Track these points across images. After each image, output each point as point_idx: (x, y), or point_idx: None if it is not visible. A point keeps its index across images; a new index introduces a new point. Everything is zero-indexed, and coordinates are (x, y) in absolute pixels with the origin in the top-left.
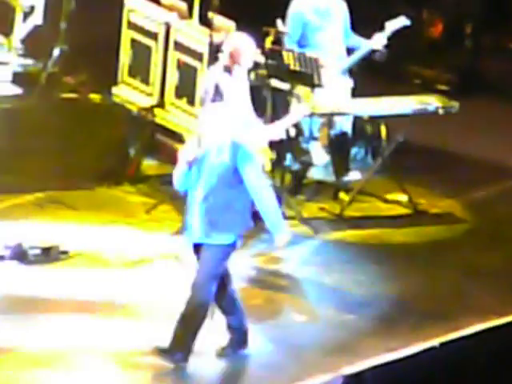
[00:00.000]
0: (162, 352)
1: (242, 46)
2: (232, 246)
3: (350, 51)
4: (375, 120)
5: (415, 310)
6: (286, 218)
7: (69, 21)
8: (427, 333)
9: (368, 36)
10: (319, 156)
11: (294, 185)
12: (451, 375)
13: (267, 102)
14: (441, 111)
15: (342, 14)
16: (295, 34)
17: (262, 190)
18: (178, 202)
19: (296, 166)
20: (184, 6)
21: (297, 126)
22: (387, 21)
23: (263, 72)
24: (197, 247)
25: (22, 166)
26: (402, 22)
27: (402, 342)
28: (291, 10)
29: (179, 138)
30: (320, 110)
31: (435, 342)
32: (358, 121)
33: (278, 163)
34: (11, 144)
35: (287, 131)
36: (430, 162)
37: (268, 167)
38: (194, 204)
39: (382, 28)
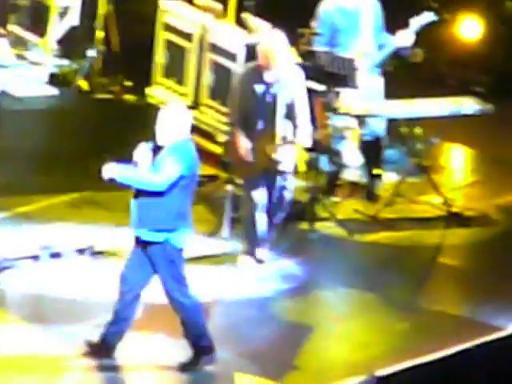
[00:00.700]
0: (188, 366)
1: (275, 44)
2: (170, 246)
3: (381, 49)
4: (411, 121)
5: (450, 312)
6: (320, 219)
7: (104, 22)
8: (461, 335)
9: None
10: (352, 158)
11: (328, 186)
12: (486, 378)
13: None
14: (476, 113)
15: (373, 13)
16: (324, 34)
17: (151, 177)
18: (212, 203)
19: (330, 168)
20: (219, 7)
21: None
22: (412, 17)
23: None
24: (138, 243)
25: (57, 166)
26: (427, 17)
27: (436, 343)
28: (319, 11)
29: (213, 139)
30: (353, 112)
31: (469, 344)
32: (393, 122)
33: (312, 164)
34: (46, 145)
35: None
36: (464, 163)
37: (303, 168)
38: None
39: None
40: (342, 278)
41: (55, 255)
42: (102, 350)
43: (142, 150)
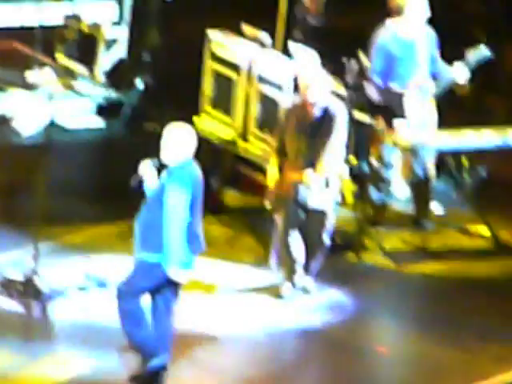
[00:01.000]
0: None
1: (311, 80)
2: (156, 266)
3: (434, 77)
4: (457, 153)
5: (496, 343)
6: (367, 250)
7: (152, 53)
8: (508, 366)
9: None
10: (400, 189)
11: (375, 216)
12: None
13: (350, 135)
14: None
15: (428, 43)
16: (378, 65)
17: (169, 220)
18: (260, 232)
19: (378, 198)
20: (266, 37)
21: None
22: (467, 50)
23: (347, 104)
24: None
25: (105, 196)
26: (482, 52)
27: (483, 374)
28: (374, 41)
29: (261, 170)
30: (402, 143)
31: None
32: (439, 153)
33: (359, 194)
34: (94, 175)
35: (370, 163)
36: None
37: (350, 199)
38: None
39: (462, 57)
40: (390, 309)
41: (102, 285)
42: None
43: (147, 167)
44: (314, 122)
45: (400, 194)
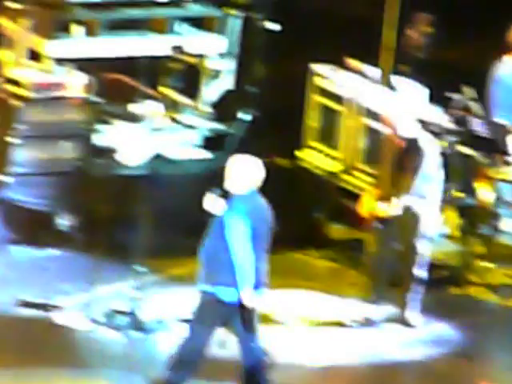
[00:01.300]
0: None
1: (395, 114)
2: (220, 299)
3: None
4: None
5: None
6: (472, 284)
7: (258, 85)
8: None
9: None
10: (508, 222)
11: (481, 250)
12: None
13: (455, 169)
14: None
15: None
16: (497, 99)
17: (235, 247)
18: (365, 267)
19: (485, 231)
20: (373, 71)
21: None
22: None
23: (452, 139)
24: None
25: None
26: None
27: None
28: (494, 73)
29: None
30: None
31: None
32: None
33: (467, 228)
34: (199, 208)
35: (475, 197)
36: None
37: (456, 232)
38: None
39: None
40: (494, 343)
41: None
42: None
43: (212, 200)
44: (401, 155)
45: (507, 227)
